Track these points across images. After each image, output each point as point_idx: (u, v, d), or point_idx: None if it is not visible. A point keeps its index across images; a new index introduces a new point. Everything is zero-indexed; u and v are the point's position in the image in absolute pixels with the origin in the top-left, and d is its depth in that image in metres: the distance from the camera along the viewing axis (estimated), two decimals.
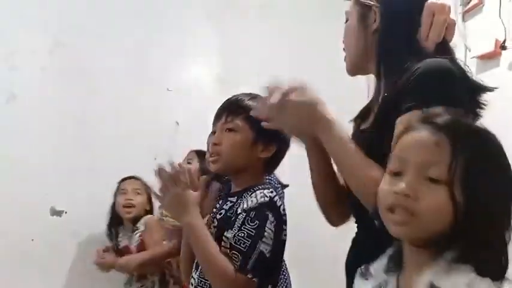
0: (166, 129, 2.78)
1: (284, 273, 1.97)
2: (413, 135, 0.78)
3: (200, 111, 1.31)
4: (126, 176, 2.46)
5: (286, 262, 1.81)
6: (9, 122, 2.53)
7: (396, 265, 0.81)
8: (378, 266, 0.83)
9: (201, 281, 1.25)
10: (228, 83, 2.73)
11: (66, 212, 2.58)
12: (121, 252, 2.37)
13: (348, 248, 1.14)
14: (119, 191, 2.42)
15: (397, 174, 0.77)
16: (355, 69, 1.15)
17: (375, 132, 1.03)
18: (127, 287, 2.33)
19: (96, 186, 2.56)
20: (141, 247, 2.30)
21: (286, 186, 2.01)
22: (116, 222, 2.43)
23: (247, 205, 1.20)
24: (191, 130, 2.62)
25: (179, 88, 2.84)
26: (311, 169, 1.12)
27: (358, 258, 0.93)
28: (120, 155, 2.63)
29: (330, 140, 1.00)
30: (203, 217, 1.26)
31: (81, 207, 2.55)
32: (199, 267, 1.25)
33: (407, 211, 0.73)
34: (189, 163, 2.50)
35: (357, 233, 1.15)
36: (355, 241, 1.14)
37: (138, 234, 2.32)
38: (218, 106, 1.33)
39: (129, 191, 2.39)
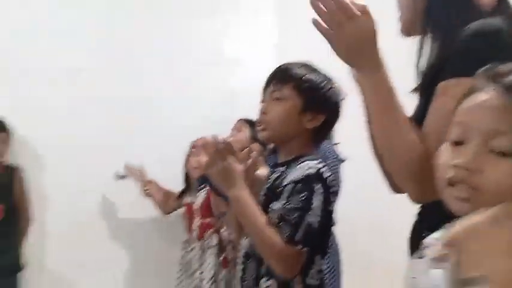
0: (223, 99, 2.82)
1: (333, 244, 1.97)
2: (478, 97, 0.67)
3: (257, 80, 1.30)
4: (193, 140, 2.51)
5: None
6: (74, 92, 2.63)
7: None
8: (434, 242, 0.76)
9: (250, 249, 1.27)
10: (286, 51, 2.70)
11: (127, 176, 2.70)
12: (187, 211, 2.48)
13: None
14: (191, 151, 2.52)
15: (458, 143, 0.68)
16: (408, 29, 1.06)
17: (418, 100, 0.96)
18: (185, 245, 2.43)
19: (153, 151, 2.66)
20: (206, 205, 2.35)
21: (343, 161, 1.98)
22: (188, 180, 2.56)
23: (295, 177, 1.19)
24: (248, 99, 2.62)
25: (236, 57, 2.85)
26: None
27: (419, 232, 0.88)
28: (179, 123, 2.71)
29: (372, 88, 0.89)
30: (252, 188, 1.26)
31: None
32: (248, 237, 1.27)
33: (470, 186, 0.65)
34: (238, 131, 2.57)
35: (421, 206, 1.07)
36: (419, 214, 1.08)
37: (204, 192, 2.41)
38: None
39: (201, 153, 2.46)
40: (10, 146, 2.52)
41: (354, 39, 0.86)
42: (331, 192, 1.21)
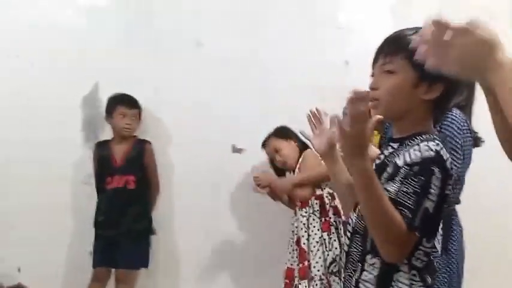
0: (335, 68, 2.72)
1: (454, 228, 1.83)
2: None
3: (371, 50, 1.21)
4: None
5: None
6: (197, 67, 2.78)
7: None
8: None
9: (359, 223, 1.21)
10: (403, 18, 2.50)
11: (246, 150, 2.79)
12: None
13: None
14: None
15: None
16: None
17: None
18: (294, 219, 2.45)
19: (270, 125, 2.69)
20: None
21: (481, 141, 1.80)
22: None
23: (410, 159, 1.08)
24: (361, 70, 2.50)
25: (349, 26, 2.72)
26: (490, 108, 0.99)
27: None
28: (289, 94, 2.69)
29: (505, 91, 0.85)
30: None
31: (258, 145, 2.73)
32: (358, 210, 1.21)
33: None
34: None
35: None
36: None
37: (298, 166, 2.44)
38: None
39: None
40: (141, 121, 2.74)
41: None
42: (448, 175, 1.10)
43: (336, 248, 2.31)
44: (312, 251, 2.31)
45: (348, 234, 1.25)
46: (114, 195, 2.61)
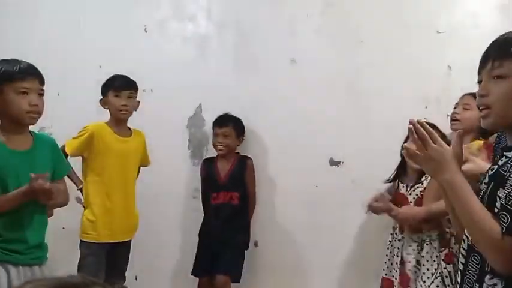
0: (438, 74, 2.58)
1: None
2: None
3: (475, 53, 1.13)
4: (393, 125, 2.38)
5: None
6: (292, 82, 2.81)
7: None
8: None
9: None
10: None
11: (342, 162, 2.74)
12: (396, 199, 2.32)
13: None
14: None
15: None
16: None
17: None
18: (396, 234, 2.29)
19: (369, 137, 2.63)
20: (419, 203, 2.21)
21: None
22: (403, 165, 2.34)
23: None
24: (464, 74, 2.34)
25: (450, 30, 2.56)
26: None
27: None
28: (390, 104, 2.60)
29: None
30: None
31: (356, 156, 2.66)
32: None
33: None
34: (465, 109, 2.28)
35: None
36: None
37: (420, 190, 2.22)
38: None
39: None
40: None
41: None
42: None
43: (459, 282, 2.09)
44: (424, 281, 2.11)
45: (463, 251, 1.16)
46: (219, 210, 2.71)
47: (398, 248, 2.26)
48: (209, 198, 2.75)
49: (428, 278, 2.12)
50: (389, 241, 2.31)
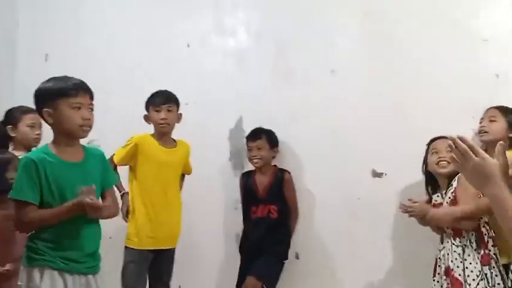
0: (485, 82, 2.49)
1: None
2: None
3: None
4: (438, 135, 2.34)
5: None
6: (332, 93, 2.79)
7: None
8: None
9: None
10: None
11: (386, 174, 2.68)
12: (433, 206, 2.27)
13: None
14: (431, 150, 2.31)
15: None
16: None
17: None
18: (441, 246, 2.23)
19: (412, 148, 2.55)
20: (453, 204, 2.16)
21: None
22: (430, 180, 2.34)
23: None
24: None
25: (497, 37, 2.48)
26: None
27: None
28: (435, 113, 2.53)
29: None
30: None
31: (399, 168, 2.59)
32: None
33: None
34: (492, 121, 2.26)
35: None
36: None
37: (451, 191, 2.19)
38: None
39: (442, 150, 2.26)
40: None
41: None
42: None
43: (499, 284, 2.04)
44: (469, 284, 2.07)
45: None
46: (258, 223, 2.70)
47: (442, 257, 2.20)
48: (249, 212, 2.75)
49: (473, 280, 2.06)
50: (438, 258, 2.25)
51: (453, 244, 2.16)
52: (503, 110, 2.28)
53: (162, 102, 2.58)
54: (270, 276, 2.62)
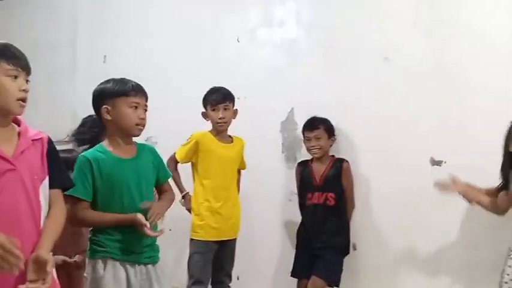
0: None
1: None
2: None
3: None
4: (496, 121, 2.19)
5: None
6: (386, 81, 2.71)
7: None
8: None
9: None
10: None
11: (445, 162, 2.57)
12: None
13: None
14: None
15: None
16: None
17: None
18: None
19: (472, 135, 2.45)
20: None
21: None
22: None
23: None
24: None
25: None
26: None
27: None
28: (494, 100, 2.38)
29: None
30: None
31: (459, 156, 2.48)
32: None
33: None
34: None
35: None
36: None
37: None
38: None
39: None
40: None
41: None
42: None
43: None
44: None
45: None
46: (315, 210, 2.70)
47: None
48: (305, 199, 2.75)
49: None
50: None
51: None
52: None
53: (219, 101, 2.64)
54: (335, 273, 2.64)
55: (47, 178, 1.46)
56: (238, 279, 2.99)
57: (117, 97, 1.80)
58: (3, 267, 1.21)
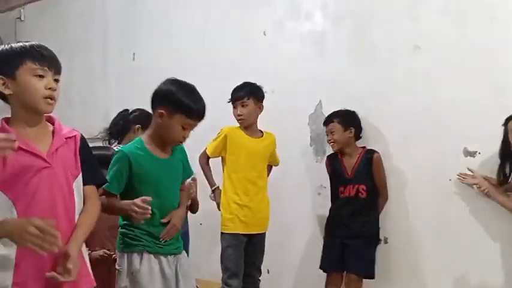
0: None
1: None
2: None
3: None
4: None
5: None
6: (416, 70, 2.63)
7: None
8: None
9: None
10: None
11: (479, 153, 2.50)
12: None
13: None
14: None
15: None
16: None
17: None
18: None
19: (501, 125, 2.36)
20: None
21: None
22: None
23: None
24: None
25: None
26: None
27: None
28: None
29: None
30: None
31: (493, 146, 2.39)
32: None
33: None
34: None
35: None
36: None
37: None
38: None
39: None
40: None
41: None
42: None
43: None
44: None
45: None
46: (346, 202, 2.66)
47: None
48: (337, 192, 2.72)
49: None
50: None
51: None
52: None
53: (236, 98, 2.67)
54: (369, 268, 2.61)
55: (80, 175, 1.50)
56: (268, 272, 3.00)
57: (178, 111, 1.77)
58: (44, 247, 1.25)
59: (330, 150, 2.89)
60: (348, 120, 2.70)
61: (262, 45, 3.20)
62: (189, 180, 1.96)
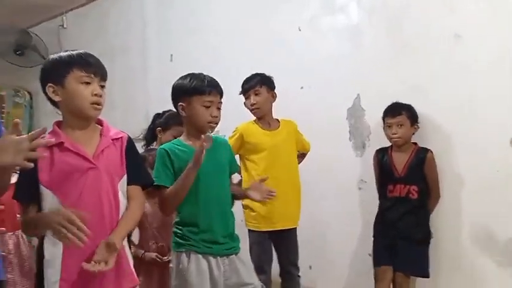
0: None
1: None
2: None
3: None
4: None
5: None
6: (457, 61, 2.54)
7: None
8: None
9: None
10: None
11: None
12: None
13: None
14: None
15: None
16: None
17: None
18: None
19: None
20: None
21: None
22: None
23: None
24: None
25: None
26: None
27: None
28: None
29: None
30: None
31: None
32: None
33: None
34: None
35: None
36: None
37: None
38: None
39: None
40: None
41: None
42: None
43: None
44: None
45: None
46: (396, 203, 2.55)
47: None
48: (385, 190, 2.61)
49: None
50: None
51: None
52: None
53: (247, 88, 2.63)
54: (421, 266, 2.52)
55: (125, 175, 1.54)
56: (310, 268, 2.99)
57: (191, 95, 1.83)
58: (69, 238, 1.29)
59: (369, 145, 2.84)
60: (414, 115, 2.56)
61: (297, 41, 3.17)
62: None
